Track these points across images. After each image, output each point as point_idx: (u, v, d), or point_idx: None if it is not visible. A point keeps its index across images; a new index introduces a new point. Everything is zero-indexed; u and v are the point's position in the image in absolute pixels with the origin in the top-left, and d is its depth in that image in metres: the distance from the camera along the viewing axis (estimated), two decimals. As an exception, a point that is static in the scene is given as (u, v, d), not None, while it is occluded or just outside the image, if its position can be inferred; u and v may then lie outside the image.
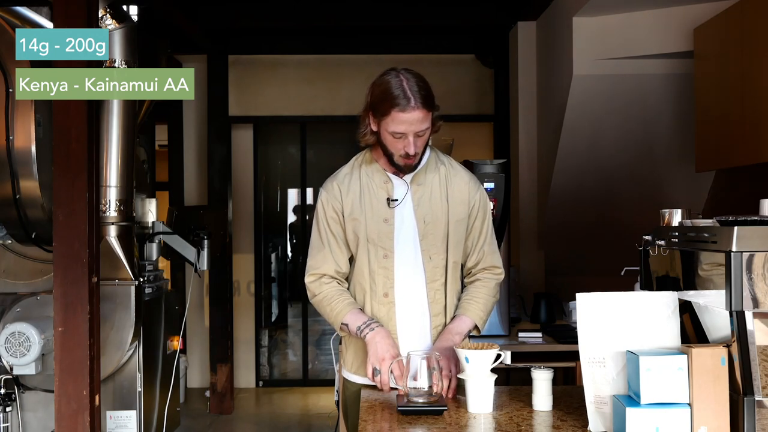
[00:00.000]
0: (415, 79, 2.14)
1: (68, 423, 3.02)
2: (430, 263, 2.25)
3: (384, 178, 2.28)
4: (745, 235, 1.56)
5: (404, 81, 2.13)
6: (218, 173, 6.24)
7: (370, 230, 2.25)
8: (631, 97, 4.51)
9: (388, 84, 2.14)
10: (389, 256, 2.25)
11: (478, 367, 1.98)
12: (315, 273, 2.30)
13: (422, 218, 2.25)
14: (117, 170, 3.60)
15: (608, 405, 1.76)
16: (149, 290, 3.87)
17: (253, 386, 6.79)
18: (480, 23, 5.81)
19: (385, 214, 2.25)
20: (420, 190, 2.27)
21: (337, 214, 2.28)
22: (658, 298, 1.77)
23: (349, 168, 2.35)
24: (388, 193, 2.27)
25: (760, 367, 1.59)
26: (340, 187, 2.30)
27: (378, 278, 2.25)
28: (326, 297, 2.27)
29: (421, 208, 2.26)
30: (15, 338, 3.35)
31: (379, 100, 2.15)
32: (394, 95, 2.11)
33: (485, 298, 2.30)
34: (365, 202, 2.26)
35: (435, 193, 2.27)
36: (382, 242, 2.24)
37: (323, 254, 2.29)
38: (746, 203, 3.98)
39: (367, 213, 2.26)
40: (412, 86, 2.12)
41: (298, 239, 7.26)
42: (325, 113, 6.60)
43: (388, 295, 2.25)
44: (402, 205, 2.26)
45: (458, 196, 2.28)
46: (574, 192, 4.93)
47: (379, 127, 2.19)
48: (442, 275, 2.27)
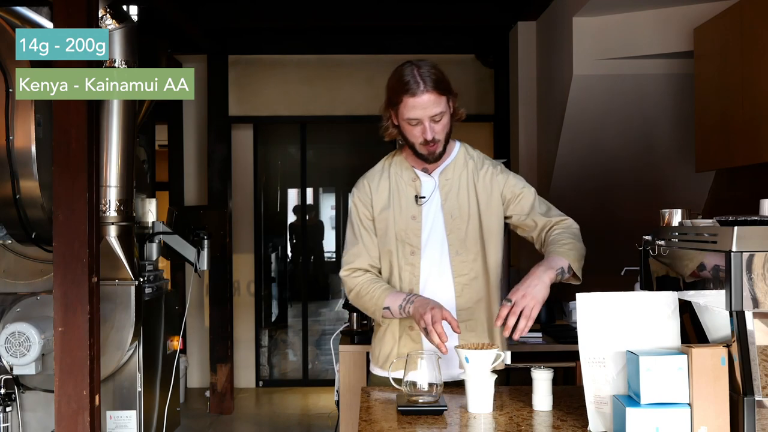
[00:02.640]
0: (427, 66, 2.18)
1: (68, 423, 3.02)
2: (458, 257, 2.27)
3: (413, 175, 2.31)
4: (745, 235, 1.56)
5: (415, 69, 2.17)
6: (218, 173, 6.24)
7: (398, 227, 2.28)
8: (631, 97, 4.51)
9: (401, 73, 2.19)
10: (416, 252, 2.27)
11: (478, 367, 1.98)
12: (349, 267, 2.33)
13: (449, 213, 2.27)
14: (117, 170, 3.60)
15: (608, 405, 1.76)
16: (149, 290, 3.87)
17: (253, 386, 6.79)
18: (480, 23, 5.81)
19: (413, 211, 2.28)
20: (447, 185, 2.29)
21: (367, 211, 2.33)
22: (658, 298, 1.77)
23: (380, 166, 2.39)
24: (416, 191, 2.30)
25: (760, 367, 1.59)
26: (370, 185, 2.34)
27: (404, 275, 2.28)
28: (362, 288, 2.28)
29: (448, 203, 2.28)
30: (15, 338, 3.35)
31: (393, 90, 2.20)
32: (405, 82, 2.16)
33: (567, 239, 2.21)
34: (394, 199, 2.30)
35: (463, 188, 2.29)
36: (409, 239, 2.27)
37: (357, 249, 2.33)
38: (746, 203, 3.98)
39: (395, 210, 2.29)
40: (423, 72, 2.16)
41: (298, 239, 7.26)
42: (325, 113, 6.61)
43: (413, 290, 2.27)
44: (430, 201, 2.29)
45: (486, 187, 2.29)
46: (573, 192, 4.93)
47: (398, 119, 2.22)
48: (471, 269, 2.27)
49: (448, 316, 2.07)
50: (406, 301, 2.18)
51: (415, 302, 2.16)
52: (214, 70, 6.24)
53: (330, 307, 7.36)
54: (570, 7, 4.42)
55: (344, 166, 7.54)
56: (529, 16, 5.27)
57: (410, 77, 2.15)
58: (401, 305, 2.19)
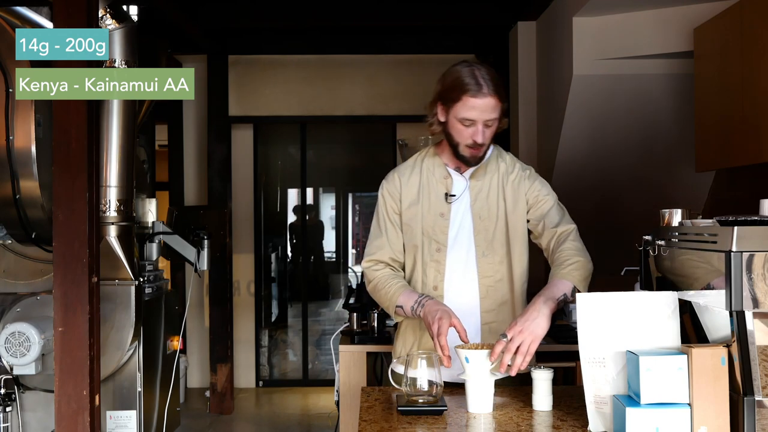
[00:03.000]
0: (485, 68, 2.18)
1: (68, 423, 3.02)
2: (484, 259, 2.27)
3: (444, 173, 2.32)
4: (745, 235, 1.56)
5: (475, 70, 2.17)
6: (218, 173, 6.24)
7: (426, 223, 2.28)
8: (631, 97, 4.51)
9: (459, 72, 2.17)
10: (442, 249, 2.27)
11: (478, 367, 1.98)
12: (371, 259, 2.33)
13: (478, 214, 2.27)
14: (117, 170, 3.60)
15: (608, 405, 1.76)
16: (149, 290, 3.87)
17: (253, 386, 6.79)
18: (480, 23, 5.81)
19: (442, 208, 2.29)
20: (478, 186, 2.29)
21: (395, 204, 2.32)
22: (658, 298, 1.77)
23: (411, 161, 2.39)
24: (446, 188, 2.30)
25: (760, 367, 1.59)
26: (401, 179, 2.34)
27: (429, 271, 2.28)
28: (379, 282, 2.29)
29: (477, 203, 2.28)
30: (15, 338, 3.35)
31: (449, 87, 2.18)
32: (466, 82, 2.15)
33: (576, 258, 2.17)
34: (423, 195, 2.30)
35: (492, 190, 2.29)
36: (436, 236, 2.27)
37: (380, 241, 2.33)
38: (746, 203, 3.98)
39: (424, 206, 2.29)
40: (483, 74, 2.16)
41: (298, 239, 7.26)
42: (325, 113, 6.61)
43: (437, 287, 2.27)
44: (459, 200, 2.29)
45: (514, 191, 2.30)
46: (573, 192, 4.92)
47: (448, 116, 2.21)
48: (496, 272, 2.27)
49: (457, 324, 2.06)
50: (417, 304, 2.18)
51: (426, 306, 2.15)
52: (214, 70, 6.24)
53: (330, 307, 7.36)
54: (570, 7, 4.42)
55: (344, 166, 7.54)
56: (529, 16, 5.26)
57: (471, 78, 2.15)
58: (413, 307, 2.19)
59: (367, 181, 7.38)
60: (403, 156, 4.06)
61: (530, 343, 1.98)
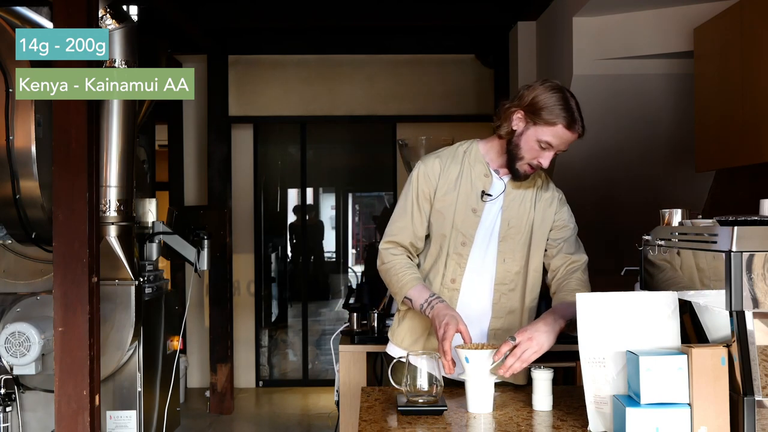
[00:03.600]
0: (578, 104, 2.19)
1: (68, 423, 3.02)
2: (503, 266, 2.27)
3: (485, 171, 2.30)
4: (745, 235, 1.56)
5: (572, 101, 2.17)
6: (218, 173, 6.23)
7: (458, 215, 2.27)
8: (631, 97, 4.51)
9: (560, 97, 2.16)
10: (467, 244, 2.26)
11: (478, 367, 1.98)
12: (390, 240, 2.31)
13: (507, 220, 2.27)
14: (117, 170, 3.60)
15: (608, 405, 1.76)
16: (149, 290, 3.87)
17: (253, 386, 6.79)
18: (480, 23, 5.81)
19: (476, 204, 2.27)
20: (513, 193, 2.29)
21: (429, 189, 2.30)
22: (658, 298, 1.77)
23: (452, 150, 2.36)
24: (484, 186, 2.28)
25: (760, 367, 1.59)
26: (441, 165, 2.31)
27: (450, 262, 2.27)
28: (393, 267, 2.28)
29: (509, 210, 2.28)
30: (15, 338, 3.35)
31: (545, 107, 2.16)
32: (567, 111, 2.15)
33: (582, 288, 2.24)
34: (461, 186, 2.28)
35: (526, 200, 2.29)
36: (465, 230, 2.26)
37: (404, 223, 2.31)
38: (746, 203, 3.98)
39: (459, 198, 2.27)
40: (579, 110, 2.18)
41: (298, 239, 7.26)
42: (325, 113, 6.61)
43: (455, 281, 2.27)
44: (493, 202, 2.28)
45: (545, 207, 2.31)
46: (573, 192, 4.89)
47: (527, 130, 2.20)
48: (512, 281, 2.28)
49: (463, 331, 2.07)
50: (427, 303, 2.17)
51: (435, 308, 2.15)
52: (214, 70, 6.24)
53: (330, 307, 7.36)
54: (570, 7, 4.42)
55: (344, 166, 7.54)
56: (529, 16, 5.26)
57: (572, 110, 2.15)
58: (422, 305, 2.18)
59: (367, 181, 7.38)
60: (403, 156, 4.06)
61: (533, 353, 2.00)
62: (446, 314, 2.10)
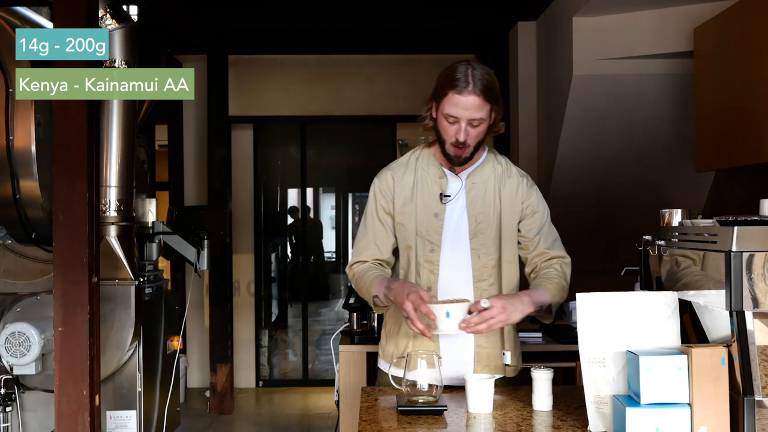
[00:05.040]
0: (482, 69, 2.16)
1: (68, 423, 3.02)
2: (479, 262, 2.25)
3: (439, 173, 2.29)
4: (745, 235, 1.56)
5: (469, 69, 2.14)
6: (218, 173, 6.24)
7: (420, 223, 2.25)
8: (631, 97, 4.51)
9: (454, 69, 2.16)
10: (436, 250, 2.25)
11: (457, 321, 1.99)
12: (356, 261, 2.32)
13: (474, 217, 2.25)
14: (117, 170, 3.60)
15: (608, 405, 1.76)
16: (149, 290, 3.87)
17: (253, 386, 6.79)
18: (480, 23, 5.81)
19: (436, 208, 2.26)
20: (474, 188, 2.27)
21: (387, 203, 2.30)
22: (658, 298, 1.77)
23: (405, 159, 2.36)
24: (441, 189, 2.27)
25: (760, 367, 1.59)
26: (394, 177, 2.31)
27: (423, 271, 2.26)
28: (358, 277, 2.29)
29: (474, 206, 2.26)
30: (15, 338, 3.35)
31: (440, 83, 2.17)
32: (455, 78, 2.13)
33: (558, 279, 2.24)
34: (417, 194, 2.27)
35: (489, 193, 2.27)
36: (430, 236, 2.25)
37: (365, 241, 2.31)
38: (746, 203, 3.98)
39: (418, 206, 2.26)
40: (475, 74, 2.13)
41: (298, 239, 7.26)
42: (325, 113, 6.61)
43: (431, 289, 2.25)
44: (454, 201, 2.26)
45: (511, 196, 2.28)
46: (573, 192, 4.93)
47: (438, 114, 2.20)
48: (490, 275, 2.26)
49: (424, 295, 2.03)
50: (387, 289, 2.16)
51: (394, 290, 2.13)
52: (214, 70, 6.24)
53: (330, 307, 7.36)
54: (570, 7, 4.42)
55: (344, 166, 7.54)
56: (529, 16, 5.26)
57: (462, 75, 2.13)
58: (385, 294, 2.17)
59: (367, 181, 7.27)
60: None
61: (498, 323, 2.04)
62: (404, 290, 2.07)
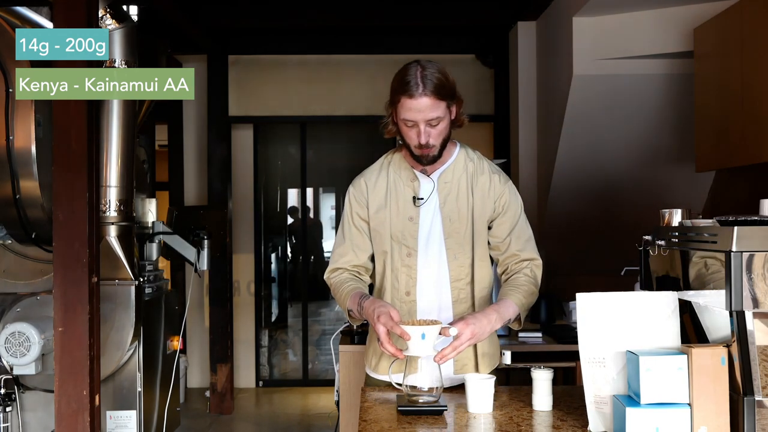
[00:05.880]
0: (432, 68, 2.12)
1: (68, 423, 3.02)
2: (455, 262, 2.23)
3: (411, 176, 2.27)
4: (745, 235, 1.56)
5: (419, 70, 2.11)
6: (218, 173, 6.24)
7: (395, 228, 2.24)
8: (631, 97, 4.51)
9: (404, 73, 2.14)
10: (412, 254, 2.23)
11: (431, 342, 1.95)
12: (333, 268, 2.30)
13: (447, 216, 2.23)
14: (117, 170, 3.60)
15: (608, 405, 1.76)
16: (149, 290, 3.87)
17: (253, 386, 6.79)
18: (480, 23, 5.81)
19: (411, 212, 2.24)
20: (446, 188, 2.25)
21: (362, 209, 2.29)
22: (658, 298, 1.77)
23: (378, 165, 2.36)
24: (414, 192, 2.25)
25: (760, 367, 1.59)
26: (367, 183, 2.31)
27: (401, 276, 2.24)
28: (334, 288, 2.28)
29: (446, 206, 2.23)
30: (15, 338, 3.35)
31: (393, 89, 2.16)
32: (405, 82, 2.11)
33: (527, 285, 2.21)
34: (391, 199, 2.26)
35: (462, 191, 2.24)
36: (406, 240, 2.23)
37: (343, 248, 2.30)
38: (746, 203, 3.98)
39: (392, 210, 2.25)
40: (425, 75, 2.10)
41: (297, 239, 7.26)
42: (325, 113, 6.61)
43: (410, 293, 2.24)
44: (428, 203, 2.24)
45: (483, 193, 2.24)
46: (573, 192, 4.93)
47: (397, 118, 2.19)
48: (467, 274, 2.24)
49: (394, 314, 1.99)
50: (359, 307, 2.14)
51: (364, 308, 2.11)
52: (214, 70, 6.24)
53: (330, 307, 7.36)
54: (570, 7, 4.42)
55: (344, 166, 7.53)
56: (529, 16, 5.27)
57: (412, 78, 2.10)
58: (358, 311, 2.15)
59: (367, 181, 7.37)
60: (403, 156, 4.06)
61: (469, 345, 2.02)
62: (374, 309, 2.05)
